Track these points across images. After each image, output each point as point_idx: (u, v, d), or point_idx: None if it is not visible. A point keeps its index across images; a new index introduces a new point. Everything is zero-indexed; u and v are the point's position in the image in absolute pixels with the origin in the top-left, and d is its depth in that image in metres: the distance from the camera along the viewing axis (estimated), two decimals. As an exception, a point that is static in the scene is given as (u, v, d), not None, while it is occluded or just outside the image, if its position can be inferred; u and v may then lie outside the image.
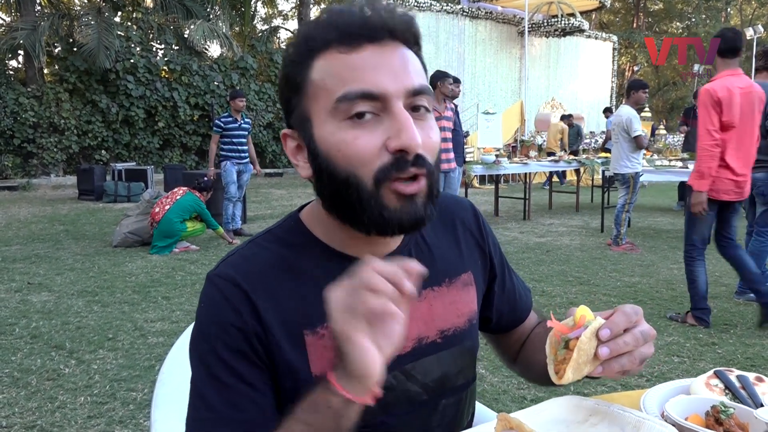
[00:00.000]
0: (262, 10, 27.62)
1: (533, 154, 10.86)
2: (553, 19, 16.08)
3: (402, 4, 14.17)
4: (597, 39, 19.46)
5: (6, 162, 14.16)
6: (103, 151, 15.52)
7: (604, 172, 8.55)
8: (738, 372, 0.92)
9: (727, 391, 0.88)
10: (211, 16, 18.09)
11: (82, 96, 15.33)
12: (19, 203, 11.01)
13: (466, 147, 10.53)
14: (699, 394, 0.88)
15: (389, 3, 0.81)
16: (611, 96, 19.58)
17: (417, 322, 0.89)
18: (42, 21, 14.79)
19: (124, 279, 5.31)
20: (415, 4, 14.75)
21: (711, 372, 0.93)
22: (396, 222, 0.77)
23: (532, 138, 14.77)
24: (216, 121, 7.25)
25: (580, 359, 0.69)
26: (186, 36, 16.96)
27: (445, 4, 16.30)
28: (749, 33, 25.44)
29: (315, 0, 27.58)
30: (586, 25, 16.74)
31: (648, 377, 3.18)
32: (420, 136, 0.75)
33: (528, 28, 15.89)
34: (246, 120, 7.34)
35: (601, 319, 0.71)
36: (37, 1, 16.28)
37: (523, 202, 9.22)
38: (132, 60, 15.47)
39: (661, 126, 9.59)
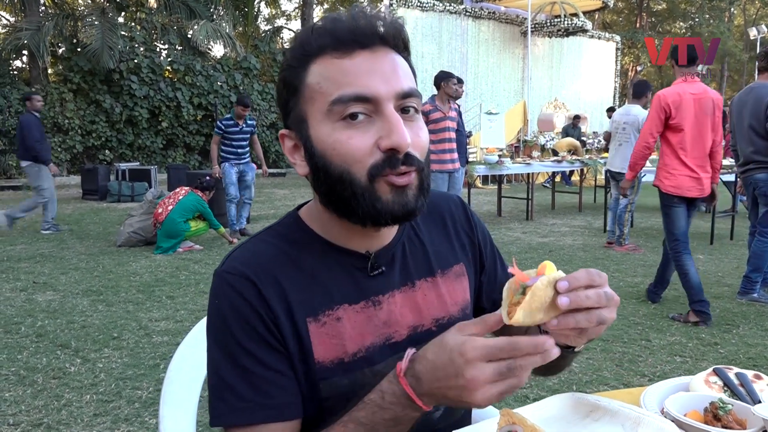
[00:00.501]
0: (265, 10, 27.65)
1: (536, 154, 10.86)
2: (556, 19, 16.07)
3: (405, 4, 14.18)
4: (600, 39, 19.43)
5: (10, 161, 14.21)
6: (107, 151, 15.59)
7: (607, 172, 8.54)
8: (737, 369, 0.94)
9: (726, 388, 0.90)
10: (215, 16, 18.15)
11: (86, 96, 15.38)
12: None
13: (469, 147, 10.55)
14: (698, 391, 0.90)
15: (381, 10, 0.85)
16: (614, 96, 19.55)
17: (412, 311, 0.94)
18: (46, 21, 14.86)
19: (128, 278, 5.34)
20: (418, 4, 14.75)
21: (710, 369, 0.94)
22: (389, 212, 0.82)
23: (534, 138, 14.76)
24: (217, 122, 7.29)
25: (533, 304, 0.68)
26: (189, 36, 17.02)
27: (448, 4, 16.30)
28: (752, 33, 25.41)
29: (318, 0, 27.62)
30: (589, 25, 16.72)
31: (650, 377, 3.20)
32: (410, 136, 0.80)
33: (531, 28, 15.87)
34: (249, 122, 7.33)
35: (563, 273, 0.71)
36: (42, 2, 16.33)
37: (526, 202, 9.23)
38: (136, 60, 15.51)
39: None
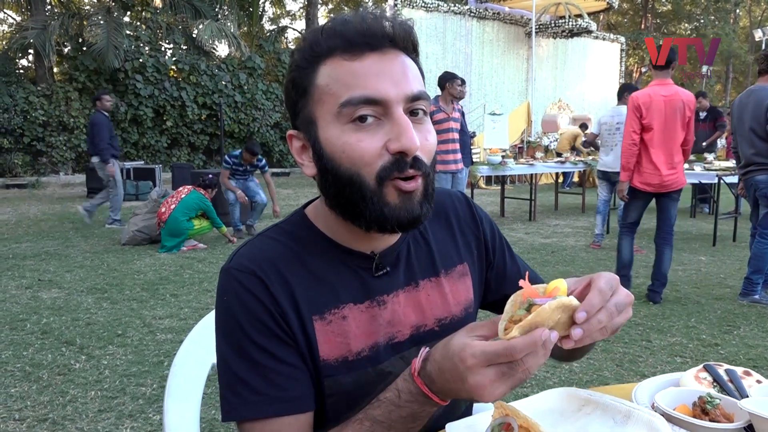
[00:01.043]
0: (270, 9, 27.73)
1: (539, 155, 10.86)
2: (561, 20, 16.06)
3: (409, 4, 14.20)
4: (605, 40, 19.41)
5: (16, 160, 14.29)
6: (112, 150, 15.63)
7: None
8: (727, 366, 0.96)
9: (715, 384, 0.92)
10: (220, 16, 18.19)
11: (91, 95, 15.40)
12: (29, 201, 11.12)
13: (472, 148, 10.56)
14: (688, 386, 0.92)
15: (390, 12, 0.85)
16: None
17: (415, 311, 0.95)
18: (52, 20, 14.92)
19: (132, 276, 5.37)
20: (423, 4, 14.76)
21: (701, 366, 0.96)
22: (395, 219, 0.83)
23: (538, 139, 14.76)
24: (226, 157, 7.34)
25: (534, 325, 0.67)
26: (194, 36, 17.09)
27: (453, 4, 16.31)
28: (758, 35, 25.32)
29: (323, 0, 27.64)
30: (593, 26, 16.71)
31: (650, 377, 3.21)
32: (418, 139, 0.81)
33: (535, 29, 15.88)
34: (255, 163, 7.28)
35: (575, 300, 0.69)
36: (48, 1, 16.41)
37: (529, 203, 9.24)
38: (141, 59, 15.58)
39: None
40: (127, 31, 15.49)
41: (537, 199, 9.32)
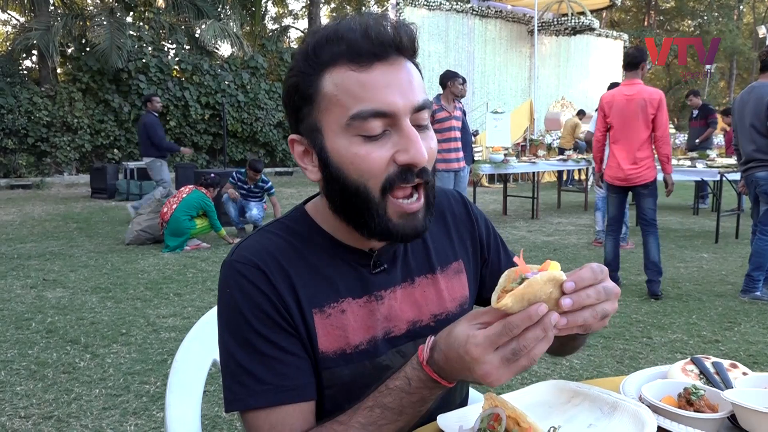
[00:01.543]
0: (272, 9, 27.75)
1: (542, 153, 10.86)
2: (563, 18, 16.05)
3: (412, 3, 14.20)
4: (608, 37, 19.38)
5: (20, 161, 14.35)
6: (116, 150, 15.70)
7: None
8: (714, 359, 0.98)
9: (702, 376, 0.94)
10: (222, 15, 18.23)
11: (94, 95, 15.50)
12: (33, 201, 11.18)
13: (475, 146, 10.57)
14: (675, 379, 0.95)
15: (393, 11, 0.86)
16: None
17: (411, 307, 0.97)
18: (55, 21, 14.97)
19: (136, 276, 5.41)
20: (425, 3, 14.77)
21: (688, 359, 0.98)
22: (400, 234, 0.86)
23: (541, 137, 14.76)
24: (233, 173, 7.40)
25: (526, 294, 0.68)
26: (197, 36, 17.12)
27: (455, 3, 16.31)
28: (762, 31, 25.23)
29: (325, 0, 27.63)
30: (596, 24, 16.68)
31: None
32: (425, 149, 0.83)
33: (538, 26, 15.86)
34: (259, 184, 7.30)
35: (564, 275, 0.71)
36: (51, 2, 16.46)
37: (532, 201, 9.25)
38: (144, 60, 15.61)
39: (670, 125, 9.61)
40: (130, 32, 15.53)
41: (539, 197, 9.32)
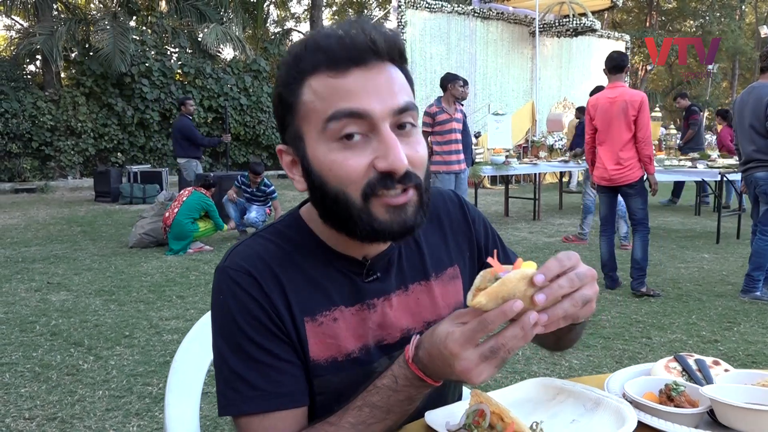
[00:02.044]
0: (274, 12, 27.81)
1: (543, 154, 10.87)
2: (565, 19, 16.06)
3: (413, 5, 14.24)
4: (609, 38, 19.37)
5: (24, 165, 14.43)
6: (119, 154, 15.77)
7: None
8: (697, 356, 1.01)
9: (684, 373, 0.97)
10: (225, 19, 18.30)
11: (98, 99, 15.57)
12: (38, 205, 11.24)
13: (477, 148, 10.59)
14: (658, 375, 0.97)
15: (374, 21, 0.87)
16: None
17: (405, 314, 0.97)
18: (59, 26, 15.05)
19: (139, 279, 5.45)
20: (426, 5, 14.80)
21: (671, 356, 1.01)
22: (387, 231, 0.83)
23: (543, 138, 14.77)
24: (238, 176, 7.45)
25: (500, 292, 0.70)
26: (200, 39, 17.19)
27: (456, 5, 16.34)
28: (763, 31, 25.24)
29: (327, 2, 27.71)
30: (598, 25, 16.69)
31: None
32: (406, 152, 0.81)
33: (539, 28, 15.88)
34: (262, 188, 7.31)
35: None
36: (55, 7, 16.55)
37: (533, 202, 9.27)
38: (147, 64, 15.68)
39: (671, 126, 9.63)
40: (134, 36, 15.60)
41: (541, 199, 9.34)
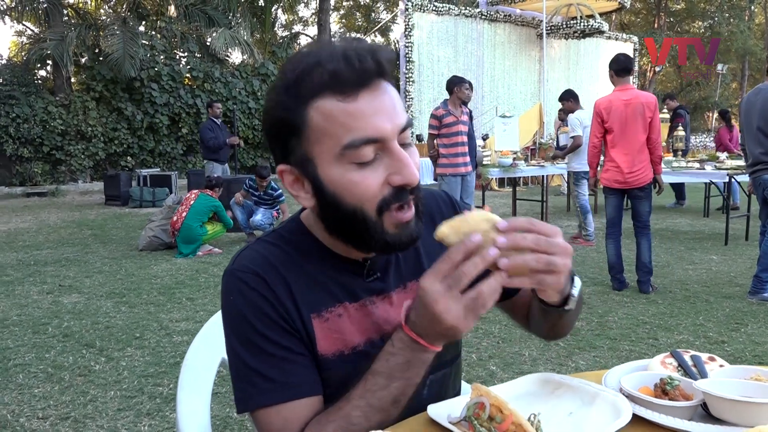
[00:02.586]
0: (282, 16, 27.98)
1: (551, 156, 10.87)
2: (573, 21, 16.09)
3: (420, 8, 14.29)
4: (617, 40, 19.39)
5: (36, 169, 14.58)
6: (129, 158, 15.90)
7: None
8: (693, 352, 1.04)
9: (680, 369, 1.00)
10: (233, 23, 18.42)
11: (108, 104, 15.72)
12: (49, 209, 11.35)
13: (485, 150, 10.61)
14: (654, 370, 1.00)
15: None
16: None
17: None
18: (69, 32, 15.21)
19: (150, 281, 5.51)
20: (434, 8, 14.85)
21: (668, 352, 1.04)
22: (397, 244, 0.90)
23: (551, 140, 14.76)
24: (247, 180, 7.51)
25: (462, 227, 0.80)
26: (208, 44, 17.32)
27: (464, 7, 16.38)
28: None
29: (335, 6, 27.80)
30: (605, 27, 16.70)
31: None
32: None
33: (547, 30, 15.90)
34: (269, 191, 7.35)
35: (499, 218, 0.82)
36: (65, 13, 16.72)
37: (541, 204, 9.27)
38: (156, 68, 15.82)
39: (680, 127, 9.58)
40: (143, 41, 15.75)
41: (548, 201, 9.34)
